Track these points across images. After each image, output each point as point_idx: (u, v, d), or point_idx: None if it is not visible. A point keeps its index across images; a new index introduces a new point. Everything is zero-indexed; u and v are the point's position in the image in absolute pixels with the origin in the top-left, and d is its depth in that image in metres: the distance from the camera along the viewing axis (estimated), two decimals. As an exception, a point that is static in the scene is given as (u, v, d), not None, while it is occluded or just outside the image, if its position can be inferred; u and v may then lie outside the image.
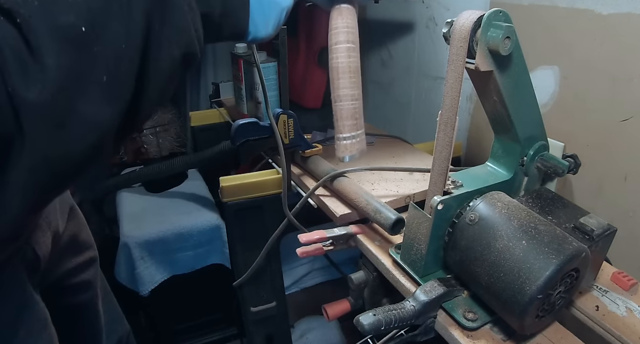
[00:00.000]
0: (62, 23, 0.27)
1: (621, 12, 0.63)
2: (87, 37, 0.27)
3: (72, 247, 0.65)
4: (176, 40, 0.31)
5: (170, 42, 0.31)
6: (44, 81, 0.26)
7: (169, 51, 0.31)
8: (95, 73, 0.28)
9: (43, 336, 0.49)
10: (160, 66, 0.31)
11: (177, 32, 0.31)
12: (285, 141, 0.73)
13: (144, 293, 1.00)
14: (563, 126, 0.74)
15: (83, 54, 0.27)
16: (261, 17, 0.38)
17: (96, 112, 0.29)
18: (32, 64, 0.26)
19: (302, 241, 0.59)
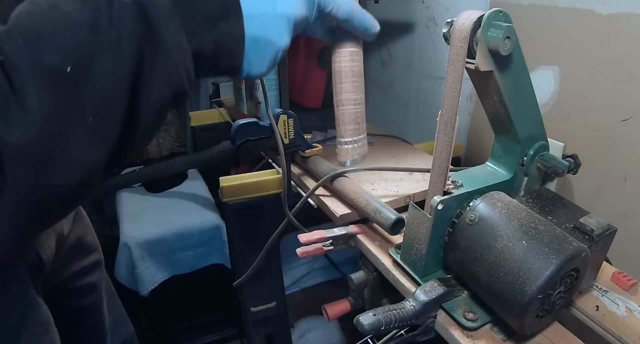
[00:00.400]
0: (46, 63, 0.25)
1: (621, 12, 0.63)
2: (73, 78, 0.26)
3: (78, 250, 0.65)
4: (166, 81, 0.30)
5: (161, 82, 0.30)
6: (26, 123, 0.25)
7: (158, 92, 0.30)
8: (81, 114, 0.27)
9: (45, 339, 0.49)
10: (149, 107, 0.30)
11: (167, 72, 0.30)
12: (285, 141, 0.73)
13: (144, 293, 1.00)
14: (563, 126, 0.74)
15: (68, 94, 0.26)
16: (256, 57, 0.37)
17: (82, 153, 0.28)
18: (14, 105, 0.25)
19: (302, 241, 0.59)
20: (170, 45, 0.30)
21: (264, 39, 0.36)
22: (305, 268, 1.32)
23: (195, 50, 0.32)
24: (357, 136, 0.54)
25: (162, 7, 0.29)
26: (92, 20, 0.27)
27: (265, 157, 0.92)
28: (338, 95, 0.53)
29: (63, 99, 0.26)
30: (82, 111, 0.27)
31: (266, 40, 0.36)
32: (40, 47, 0.26)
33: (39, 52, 0.26)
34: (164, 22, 0.29)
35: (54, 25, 0.26)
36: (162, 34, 0.29)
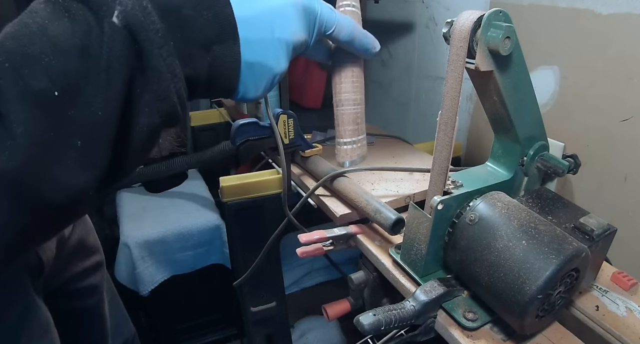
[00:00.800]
0: (33, 87, 0.25)
1: (621, 12, 0.63)
2: (61, 102, 0.25)
3: (79, 252, 0.65)
4: (157, 107, 0.29)
5: (151, 109, 0.29)
6: (13, 149, 0.25)
7: (149, 118, 0.29)
8: (69, 138, 0.26)
9: (45, 341, 0.49)
10: (139, 132, 0.29)
11: (158, 99, 0.29)
12: (285, 141, 0.73)
13: (144, 293, 1.00)
14: (563, 126, 0.74)
15: (56, 119, 0.26)
16: (252, 82, 0.36)
17: (71, 177, 0.27)
18: (0, 130, 0.24)
19: (302, 241, 0.59)
20: (161, 72, 0.29)
21: (261, 64, 0.35)
22: (305, 268, 1.32)
23: (188, 74, 0.31)
24: (356, 136, 0.54)
25: (154, 32, 0.28)
26: (81, 45, 0.26)
27: (265, 157, 0.92)
28: (337, 95, 0.53)
29: (50, 123, 0.25)
30: (70, 135, 0.26)
31: (263, 66, 0.35)
32: (27, 72, 0.25)
33: (27, 76, 0.25)
34: (155, 48, 0.28)
35: (41, 49, 0.25)
36: (153, 61, 0.28)
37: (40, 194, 0.26)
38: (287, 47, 0.37)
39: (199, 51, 0.31)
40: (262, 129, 0.71)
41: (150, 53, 0.28)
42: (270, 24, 0.35)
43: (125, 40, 0.27)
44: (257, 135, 0.71)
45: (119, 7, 0.27)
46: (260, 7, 0.34)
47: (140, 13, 0.27)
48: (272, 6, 0.35)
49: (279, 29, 0.35)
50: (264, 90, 0.37)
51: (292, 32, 0.37)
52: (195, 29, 0.30)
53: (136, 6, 0.27)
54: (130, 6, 0.27)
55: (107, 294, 0.72)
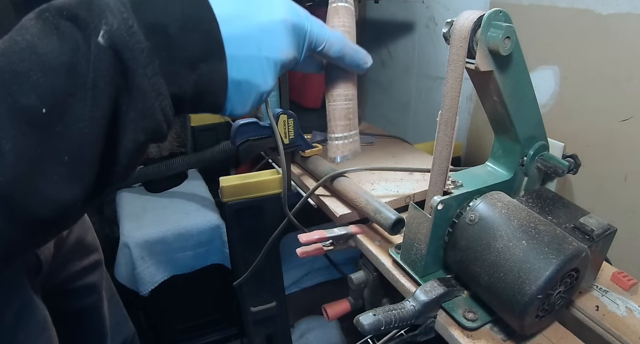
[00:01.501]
0: (22, 104, 0.25)
1: (621, 12, 0.63)
2: (49, 119, 0.26)
3: (78, 251, 0.65)
4: (142, 125, 0.29)
5: (136, 126, 0.29)
6: (1, 165, 0.25)
7: (134, 135, 0.29)
8: (57, 153, 0.27)
9: (42, 339, 0.49)
10: (125, 149, 0.29)
11: (143, 117, 0.29)
12: (285, 141, 0.73)
13: (144, 293, 1.00)
14: (563, 126, 0.74)
15: (43, 136, 0.26)
16: (239, 99, 0.35)
17: (58, 192, 0.27)
18: None
19: (302, 241, 0.59)
20: (146, 91, 0.29)
21: (248, 82, 0.35)
22: (305, 268, 1.32)
23: (174, 92, 0.31)
24: (347, 131, 0.54)
25: (139, 51, 0.28)
26: (69, 62, 0.26)
27: (265, 157, 0.92)
28: (329, 90, 0.53)
29: (38, 139, 0.26)
30: (58, 151, 0.27)
31: (250, 84, 0.35)
32: (16, 89, 0.25)
33: (15, 94, 0.25)
34: (140, 67, 0.28)
35: (30, 66, 0.25)
36: (138, 80, 0.28)
37: (28, 208, 0.27)
38: (275, 65, 0.36)
39: (184, 69, 0.31)
40: (262, 129, 0.71)
41: (135, 72, 0.28)
42: (257, 42, 0.34)
43: (111, 59, 0.27)
44: (257, 135, 0.71)
45: (105, 26, 0.27)
46: (248, 25, 0.34)
47: (126, 32, 0.28)
48: (260, 24, 0.34)
49: (266, 47, 0.35)
50: (252, 107, 0.37)
51: (280, 50, 0.36)
52: (181, 48, 0.30)
53: (122, 26, 0.27)
54: (116, 25, 0.27)
55: (106, 294, 0.73)
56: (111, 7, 0.28)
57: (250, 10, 0.34)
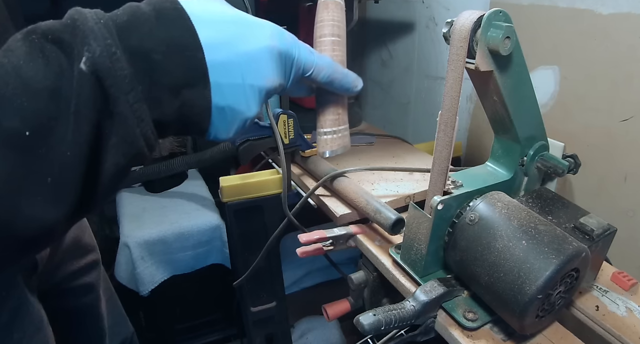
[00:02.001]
0: (5, 126, 0.25)
1: (621, 12, 0.63)
2: (32, 142, 0.26)
3: (74, 251, 0.65)
4: (123, 151, 0.30)
5: (117, 151, 0.29)
6: None
7: (115, 160, 0.29)
8: (39, 175, 0.27)
9: (38, 338, 0.49)
10: (106, 172, 0.30)
11: (124, 143, 0.29)
12: (285, 141, 0.73)
13: (144, 293, 1.00)
14: (563, 126, 0.74)
15: (27, 157, 0.26)
16: (222, 125, 0.35)
17: (41, 212, 0.27)
18: None
19: (302, 241, 0.59)
20: (127, 117, 0.29)
21: (231, 109, 0.35)
22: (305, 268, 1.32)
23: (157, 118, 0.31)
24: (337, 126, 0.53)
25: (121, 78, 0.28)
26: (53, 87, 0.27)
27: (265, 157, 0.92)
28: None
29: (21, 161, 0.26)
30: (40, 173, 0.27)
31: (233, 110, 0.35)
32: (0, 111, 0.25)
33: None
34: (122, 94, 0.28)
35: (14, 90, 0.26)
36: (119, 106, 0.28)
37: (10, 228, 0.27)
38: (260, 92, 0.36)
39: (168, 95, 0.31)
40: (262, 129, 0.71)
41: (116, 99, 0.28)
42: (242, 69, 0.34)
43: (93, 85, 0.27)
44: (257, 135, 0.71)
45: (87, 53, 0.27)
46: (233, 52, 0.33)
47: (108, 59, 0.28)
48: (246, 51, 0.34)
49: (251, 74, 0.35)
50: (235, 132, 0.37)
51: (265, 77, 0.36)
52: (164, 73, 0.30)
53: (104, 52, 0.28)
54: (99, 52, 0.27)
55: (105, 294, 0.72)
56: (95, 32, 0.28)
57: (236, 37, 0.34)
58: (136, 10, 0.30)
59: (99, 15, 0.29)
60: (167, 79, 0.31)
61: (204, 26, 0.32)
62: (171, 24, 0.31)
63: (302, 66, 0.39)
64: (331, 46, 0.51)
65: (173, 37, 0.30)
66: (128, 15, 0.30)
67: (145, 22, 0.30)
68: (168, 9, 0.31)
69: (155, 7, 0.31)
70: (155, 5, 0.31)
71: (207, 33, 0.32)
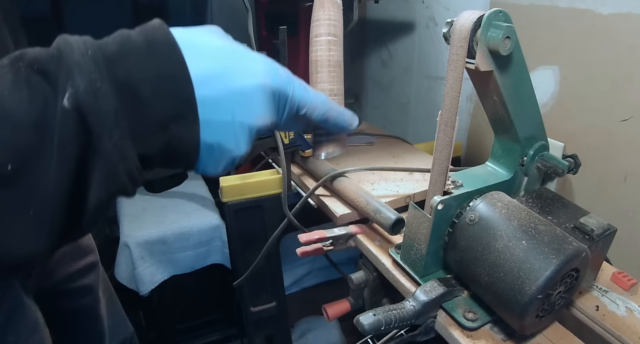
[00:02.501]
0: None
1: (621, 12, 0.63)
2: (14, 174, 0.26)
3: (72, 252, 0.65)
4: (106, 187, 0.29)
5: (100, 186, 0.29)
6: None
7: (97, 196, 0.29)
8: (22, 207, 0.27)
9: (33, 340, 0.49)
10: (89, 206, 0.29)
11: (107, 179, 0.29)
12: (285, 141, 0.73)
13: (144, 293, 1.00)
14: (563, 126, 0.74)
15: (8, 189, 0.26)
16: (210, 161, 0.34)
17: (23, 243, 0.27)
18: None
19: (302, 241, 0.59)
20: (111, 154, 0.28)
21: (220, 146, 0.33)
22: (305, 268, 1.32)
23: (143, 153, 0.30)
24: None
25: (105, 114, 0.27)
26: (37, 120, 0.26)
27: (265, 157, 0.92)
28: (314, 85, 0.51)
29: (3, 192, 0.26)
30: (23, 204, 0.26)
31: (222, 148, 0.33)
32: None
33: None
34: (105, 131, 0.27)
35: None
36: (102, 143, 0.28)
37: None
38: (250, 131, 0.35)
39: (154, 130, 0.30)
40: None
41: (99, 136, 0.27)
42: (233, 106, 0.33)
43: (75, 122, 0.27)
44: (257, 135, 0.71)
45: (70, 88, 0.26)
46: (224, 89, 0.32)
47: (92, 95, 0.27)
48: (237, 89, 0.33)
49: (241, 112, 0.33)
50: (224, 169, 0.36)
51: (256, 116, 0.34)
52: (152, 108, 0.29)
53: (88, 88, 0.27)
54: (83, 87, 0.27)
55: (104, 295, 0.72)
56: (81, 65, 0.27)
57: (228, 72, 0.32)
58: (126, 40, 0.29)
59: (87, 44, 0.28)
60: (154, 114, 0.30)
61: (196, 59, 0.31)
62: (161, 56, 0.29)
63: (296, 104, 0.38)
64: (327, 46, 0.50)
65: (162, 70, 0.29)
66: (117, 45, 0.29)
67: (135, 53, 0.29)
68: (159, 39, 0.30)
69: (147, 38, 0.29)
70: (146, 35, 0.30)
71: (199, 67, 0.31)
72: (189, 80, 0.30)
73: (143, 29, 0.30)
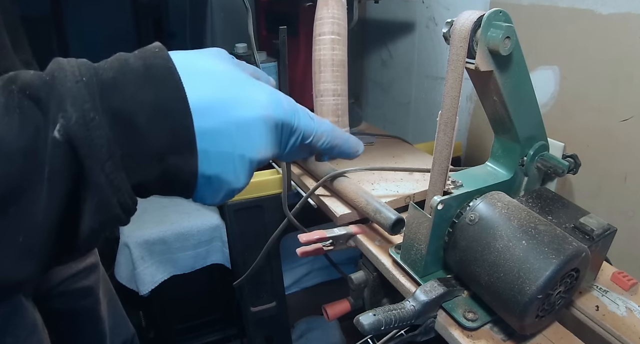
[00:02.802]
0: None
1: (621, 12, 0.63)
2: (2, 200, 0.25)
3: None
4: (98, 218, 0.28)
5: (93, 217, 0.28)
6: None
7: (89, 226, 0.28)
8: (11, 234, 0.26)
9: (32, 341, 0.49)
10: (82, 234, 0.28)
11: (99, 211, 0.28)
12: (285, 141, 0.73)
13: (144, 293, 1.00)
14: (563, 126, 0.74)
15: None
16: (208, 192, 0.33)
17: (12, 270, 0.26)
18: None
19: (302, 241, 0.59)
20: (104, 187, 0.27)
21: (219, 178, 0.32)
22: (305, 268, 1.32)
23: (138, 182, 0.29)
24: None
25: (97, 147, 0.26)
26: (27, 148, 0.25)
27: (265, 157, 0.92)
28: (317, 85, 0.51)
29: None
30: (12, 231, 0.26)
31: (220, 180, 0.32)
32: None
33: None
34: (97, 164, 0.26)
35: None
36: (94, 176, 0.27)
37: None
38: (250, 164, 0.33)
39: (151, 161, 0.29)
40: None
41: (91, 168, 0.26)
42: (233, 138, 0.31)
43: (66, 154, 0.26)
44: (257, 135, 0.71)
45: (62, 120, 0.25)
46: (224, 119, 0.31)
47: (84, 126, 0.26)
48: (238, 120, 0.31)
49: (242, 145, 0.32)
50: (222, 200, 0.34)
51: (257, 149, 0.33)
52: (148, 139, 0.28)
53: (81, 119, 0.26)
54: (74, 119, 0.25)
55: (105, 296, 0.72)
56: (73, 94, 0.26)
57: (229, 102, 0.31)
58: (124, 65, 0.28)
59: (82, 70, 0.27)
60: (150, 145, 0.28)
61: (196, 87, 0.29)
62: (160, 84, 0.28)
63: (302, 135, 0.37)
64: (331, 45, 0.50)
65: (160, 99, 0.28)
66: (114, 71, 0.28)
67: (132, 80, 0.28)
68: (158, 66, 0.28)
69: (145, 63, 0.28)
70: (145, 61, 0.28)
71: (198, 96, 0.29)
72: (187, 111, 0.29)
73: (142, 53, 0.29)
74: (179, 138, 0.29)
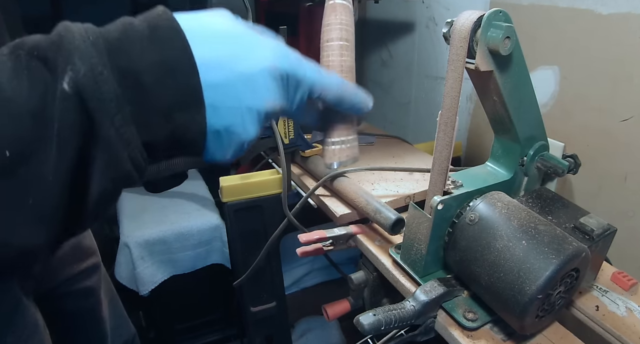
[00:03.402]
0: None
1: (621, 12, 0.63)
2: (12, 162, 0.25)
3: (74, 254, 0.65)
4: (109, 175, 0.28)
5: (103, 175, 0.28)
6: None
7: (101, 185, 0.28)
8: (21, 196, 0.26)
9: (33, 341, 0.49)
10: (92, 197, 0.28)
11: (110, 167, 0.28)
12: (285, 141, 0.73)
13: (144, 293, 1.00)
14: (563, 126, 0.74)
15: (7, 178, 0.25)
16: (218, 148, 0.33)
17: (22, 235, 0.26)
18: None
19: (302, 241, 0.59)
20: (113, 141, 0.27)
21: (228, 132, 0.33)
22: (305, 268, 1.32)
23: (147, 140, 0.29)
24: (346, 136, 0.51)
25: (107, 100, 0.26)
26: (36, 108, 0.25)
27: (265, 157, 0.92)
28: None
29: (1, 181, 0.25)
30: (22, 193, 0.26)
31: (230, 133, 0.33)
32: None
33: None
34: (107, 117, 0.27)
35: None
36: (104, 130, 0.27)
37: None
38: (258, 115, 0.34)
39: (159, 118, 0.29)
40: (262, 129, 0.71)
41: (101, 122, 0.27)
42: (239, 91, 0.32)
43: (76, 107, 0.26)
44: (257, 135, 0.71)
45: (70, 72, 0.26)
46: (230, 73, 0.31)
47: (93, 79, 0.26)
48: (244, 72, 0.32)
49: (248, 96, 0.33)
50: (233, 155, 0.35)
51: (264, 100, 0.34)
52: (155, 97, 0.29)
53: (89, 72, 0.26)
54: (83, 72, 0.26)
55: (106, 296, 0.72)
56: (81, 50, 0.26)
57: (235, 56, 0.32)
58: (129, 27, 0.28)
59: (88, 31, 0.27)
60: (158, 102, 0.29)
61: (201, 44, 0.30)
62: (165, 43, 0.29)
63: (309, 86, 0.37)
64: (339, 51, 0.50)
65: (166, 57, 0.29)
66: (119, 32, 0.28)
67: (137, 41, 0.28)
68: (163, 27, 0.29)
69: (150, 24, 0.29)
70: (149, 22, 0.29)
71: (204, 52, 0.30)
72: (193, 67, 0.30)
73: (146, 15, 0.30)
74: (186, 95, 0.30)
